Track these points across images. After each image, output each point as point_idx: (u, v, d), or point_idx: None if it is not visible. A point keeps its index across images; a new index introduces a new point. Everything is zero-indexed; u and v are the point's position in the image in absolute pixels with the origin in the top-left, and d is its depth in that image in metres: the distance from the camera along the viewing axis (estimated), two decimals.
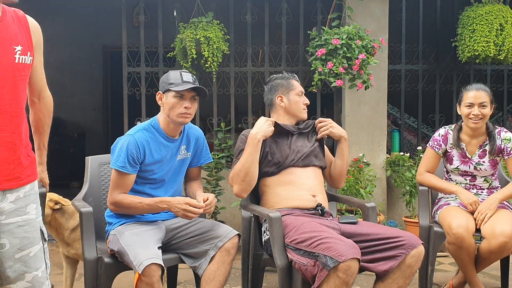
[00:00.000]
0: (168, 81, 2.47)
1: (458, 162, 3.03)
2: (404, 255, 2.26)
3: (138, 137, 2.47)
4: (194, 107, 2.51)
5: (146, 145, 2.47)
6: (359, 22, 4.23)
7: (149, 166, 2.50)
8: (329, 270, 2.08)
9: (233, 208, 4.24)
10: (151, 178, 2.54)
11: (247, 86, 4.63)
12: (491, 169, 3.00)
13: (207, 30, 4.17)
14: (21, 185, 1.75)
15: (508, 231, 2.67)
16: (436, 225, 3.03)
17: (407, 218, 4.22)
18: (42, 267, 1.80)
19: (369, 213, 2.70)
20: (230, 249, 2.42)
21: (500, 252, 2.70)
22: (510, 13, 4.37)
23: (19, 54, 1.72)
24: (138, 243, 2.31)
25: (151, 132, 2.52)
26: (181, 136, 2.60)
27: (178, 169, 2.63)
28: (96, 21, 6.64)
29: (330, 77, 3.96)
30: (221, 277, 2.38)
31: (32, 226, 1.77)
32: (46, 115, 2.09)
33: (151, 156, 2.49)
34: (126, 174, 2.44)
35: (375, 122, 4.54)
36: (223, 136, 4.51)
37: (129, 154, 2.42)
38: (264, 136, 2.53)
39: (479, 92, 2.95)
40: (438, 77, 4.87)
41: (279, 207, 2.55)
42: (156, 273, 2.19)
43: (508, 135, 2.97)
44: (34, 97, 2.02)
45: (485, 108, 2.92)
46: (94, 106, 7.88)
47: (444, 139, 3.07)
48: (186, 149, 2.62)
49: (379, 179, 4.48)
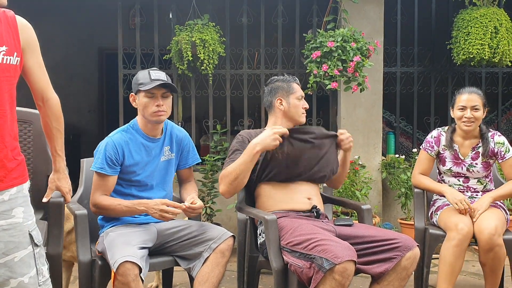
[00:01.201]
0: (138, 81, 2.49)
1: (450, 163, 3.05)
2: (399, 257, 2.26)
3: (116, 139, 2.50)
4: (167, 104, 2.50)
5: (124, 146, 2.49)
6: (355, 25, 4.24)
7: (131, 167, 2.51)
8: (325, 272, 2.07)
9: (229, 211, 4.24)
10: (135, 180, 2.54)
11: (243, 88, 4.64)
12: (484, 170, 3.01)
13: (203, 33, 4.18)
14: (4, 188, 1.68)
15: (492, 225, 2.72)
16: (431, 227, 3.03)
17: (403, 220, 4.23)
18: (29, 273, 1.71)
19: (365, 215, 2.70)
20: (224, 251, 2.41)
21: (489, 249, 2.71)
22: (504, 16, 4.40)
23: (3, 55, 1.67)
24: (118, 242, 2.29)
25: (130, 133, 2.54)
26: (163, 135, 2.61)
27: (164, 170, 2.62)
28: (92, 23, 6.63)
29: (325, 79, 3.97)
30: (214, 279, 2.36)
31: (19, 230, 1.69)
32: (52, 119, 2.00)
33: (131, 157, 2.50)
34: (106, 175, 2.46)
35: (371, 125, 4.55)
36: (219, 138, 4.51)
37: (107, 156, 2.45)
38: (264, 149, 2.44)
39: (472, 95, 2.96)
40: (433, 79, 4.89)
41: (275, 210, 2.54)
42: (131, 272, 2.14)
43: (501, 139, 2.99)
44: (38, 100, 1.94)
45: (477, 111, 2.94)
46: (90, 108, 7.86)
47: (437, 141, 3.08)
48: (169, 150, 2.63)
49: (375, 181, 4.48)
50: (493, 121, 5.38)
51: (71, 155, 7.21)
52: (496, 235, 2.71)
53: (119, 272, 2.15)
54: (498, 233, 2.73)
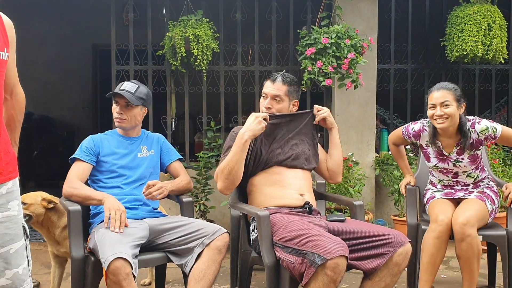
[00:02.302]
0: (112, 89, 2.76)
1: (435, 160, 3.00)
2: (391, 253, 2.27)
3: (95, 135, 2.77)
4: (129, 114, 2.72)
5: (102, 139, 2.74)
6: (349, 22, 4.25)
7: (107, 156, 2.69)
8: (317, 267, 2.08)
9: (223, 207, 4.24)
10: (115, 171, 2.67)
11: (237, 85, 4.63)
12: (471, 164, 2.96)
13: (196, 28, 4.17)
14: (3, 181, 1.73)
15: (465, 215, 2.74)
16: (424, 223, 3.05)
17: (396, 216, 4.25)
18: (23, 264, 1.77)
19: (357, 211, 2.70)
20: (221, 247, 2.41)
21: (461, 239, 2.72)
22: (498, 13, 4.41)
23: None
24: (109, 240, 2.29)
25: (108, 134, 2.81)
26: (140, 136, 2.83)
27: (145, 167, 2.74)
28: (86, 19, 6.60)
29: (319, 76, 3.97)
30: (211, 276, 2.37)
31: (15, 222, 1.75)
32: (18, 112, 2.05)
33: (108, 148, 2.71)
34: (80, 161, 2.64)
35: (364, 122, 4.56)
36: (213, 135, 4.50)
37: (83, 146, 2.69)
38: (253, 135, 2.49)
39: (440, 91, 2.87)
40: (427, 76, 4.90)
41: (267, 206, 2.55)
42: (122, 271, 2.14)
43: (482, 125, 2.88)
44: (6, 93, 1.99)
45: (448, 107, 2.83)
46: (84, 105, 7.84)
47: (416, 135, 3.03)
48: (147, 149, 2.81)
49: (368, 178, 4.50)
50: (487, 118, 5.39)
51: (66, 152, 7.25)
52: (468, 225, 2.70)
53: (110, 270, 2.15)
54: (471, 224, 2.71)
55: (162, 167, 2.87)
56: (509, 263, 2.92)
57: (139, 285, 3.28)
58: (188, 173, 4.28)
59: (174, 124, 5.83)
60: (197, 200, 4.16)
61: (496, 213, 2.99)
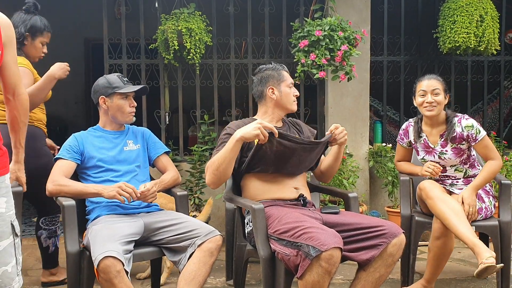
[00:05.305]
0: (112, 85, 2.69)
1: (423, 153, 3.11)
2: (385, 244, 2.28)
3: (77, 133, 2.74)
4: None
5: (87, 136, 2.72)
6: (342, 14, 4.24)
7: (93, 152, 2.66)
8: (312, 259, 2.09)
9: (218, 200, 4.24)
10: (102, 165, 2.64)
11: (231, 78, 4.62)
12: (455, 157, 3.01)
13: (189, 22, 4.15)
14: None
15: None
16: (417, 214, 3.07)
17: (390, 208, 4.27)
18: (12, 262, 1.73)
19: (351, 203, 2.72)
20: (213, 250, 2.38)
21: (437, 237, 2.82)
22: (490, 4, 4.43)
23: None
24: (100, 238, 2.28)
25: (91, 131, 2.78)
26: (125, 130, 2.81)
27: (132, 160, 2.72)
28: (77, 13, 6.55)
29: (313, 68, 3.97)
30: (200, 278, 2.34)
31: (2, 220, 1.71)
32: (21, 113, 2.05)
33: (92, 144, 2.69)
34: (63, 159, 2.61)
35: (358, 114, 4.57)
36: (207, 128, 4.49)
37: (66, 145, 2.66)
38: (243, 139, 2.36)
39: (431, 80, 3.02)
40: (420, 68, 4.92)
41: (262, 199, 2.55)
42: (112, 269, 2.13)
43: (469, 122, 2.96)
44: (8, 94, 1.98)
45: (438, 95, 2.98)
46: (77, 100, 7.80)
47: (405, 133, 3.18)
48: (133, 143, 2.77)
49: (362, 170, 4.51)
50: (480, 110, 5.43)
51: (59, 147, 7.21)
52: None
53: (100, 269, 2.15)
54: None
55: (149, 161, 2.85)
56: (501, 253, 2.94)
57: (135, 279, 3.29)
58: (182, 167, 4.32)
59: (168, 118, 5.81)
60: (191, 194, 4.16)
61: (489, 211, 3.00)
